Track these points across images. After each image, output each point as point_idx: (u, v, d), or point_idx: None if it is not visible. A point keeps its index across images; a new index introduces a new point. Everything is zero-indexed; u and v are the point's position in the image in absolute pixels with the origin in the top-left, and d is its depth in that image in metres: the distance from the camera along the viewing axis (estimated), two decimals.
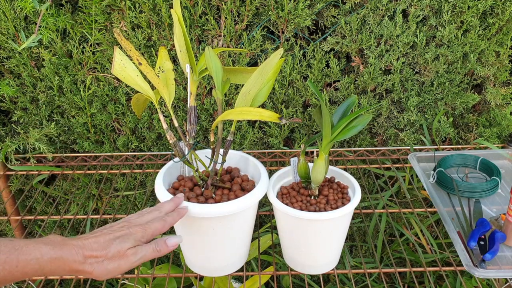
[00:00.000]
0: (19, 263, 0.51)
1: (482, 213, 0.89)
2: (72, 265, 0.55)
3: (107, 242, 0.57)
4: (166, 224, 0.64)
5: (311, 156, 1.05)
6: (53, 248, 0.54)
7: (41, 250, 0.53)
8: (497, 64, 1.10)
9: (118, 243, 0.58)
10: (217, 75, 0.70)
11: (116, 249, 0.57)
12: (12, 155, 1.10)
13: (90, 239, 0.57)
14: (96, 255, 0.56)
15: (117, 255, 0.57)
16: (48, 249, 0.53)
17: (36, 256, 0.52)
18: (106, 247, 0.57)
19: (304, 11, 1.02)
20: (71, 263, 0.54)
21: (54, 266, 0.54)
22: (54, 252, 0.54)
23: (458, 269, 0.82)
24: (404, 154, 1.13)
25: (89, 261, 0.56)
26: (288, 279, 1.24)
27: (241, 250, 0.78)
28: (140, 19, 1.04)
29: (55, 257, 0.54)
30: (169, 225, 0.64)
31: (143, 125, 1.16)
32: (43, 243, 0.54)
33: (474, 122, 1.16)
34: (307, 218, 0.70)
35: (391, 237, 1.31)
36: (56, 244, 0.55)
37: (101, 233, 0.59)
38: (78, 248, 0.55)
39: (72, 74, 1.10)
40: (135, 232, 0.60)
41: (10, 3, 1.02)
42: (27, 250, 0.52)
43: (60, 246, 0.55)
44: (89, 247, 0.56)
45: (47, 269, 0.53)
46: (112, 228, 0.61)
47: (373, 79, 1.09)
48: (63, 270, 0.55)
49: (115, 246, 0.57)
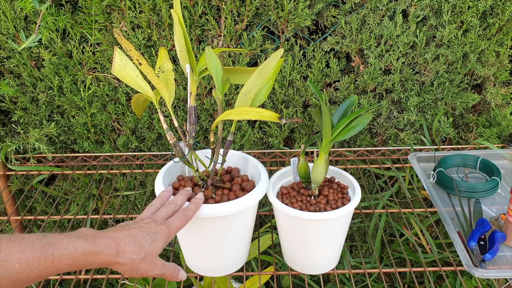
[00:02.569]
0: (54, 258, 0.50)
1: (482, 213, 0.89)
2: (105, 257, 0.54)
3: (140, 239, 0.57)
4: (187, 219, 0.63)
5: (311, 156, 1.05)
6: (87, 242, 0.53)
7: (75, 244, 0.51)
8: (497, 64, 1.10)
9: (151, 242, 0.57)
10: (217, 75, 0.70)
11: (149, 249, 0.57)
12: (12, 155, 1.10)
13: (124, 231, 0.57)
14: (129, 251, 0.55)
15: (149, 257, 0.57)
16: (82, 243, 0.52)
17: (70, 251, 0.51)
18: (139, 245, 0.56)
19: (304, 11, 1.02)
20: (105, 256, 0.54)
21: (88, 259, 0.53)
22: (88, 245, 0.52)
23: (458, 269, 0.82)
24: (404, 154, 1.13)
25: (121, 254, 0.55)
26: (288, 279, 1.24)
27: (241, 250, 0.78)
28: (140, 19, 1.04)
29: (89, 251, 0.52)
30: (189, 220, 0.63)
31: (143, 125, 1.16)
32: (77, 237, 0.53)
33: (474, 122, 1.16)
34: (307, 218, 0.70)
35: (391, 237, 1.31)
36: (89, 237, 0.54)
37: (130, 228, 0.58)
38: (112, 241, 0.55)
39: (72, 74, 1.10)
40: (161, 231, 0.59)
41: (10, 3, 1.02)
42: (61, 245, 0.51)
43: (93, 239, 0.54)
44: (123, 242, 0.55)
45: (81, 263, 0.52)
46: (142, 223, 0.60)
47: (373, 79, 1.09)
48: (96, 263, 0.54)
49: (148, 246, 0.57)
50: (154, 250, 0.57)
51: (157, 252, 0.57)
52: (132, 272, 0.57)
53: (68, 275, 0.86)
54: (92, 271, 0.85)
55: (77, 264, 0.52)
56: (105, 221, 1.29)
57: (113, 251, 0.54)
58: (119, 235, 0.56)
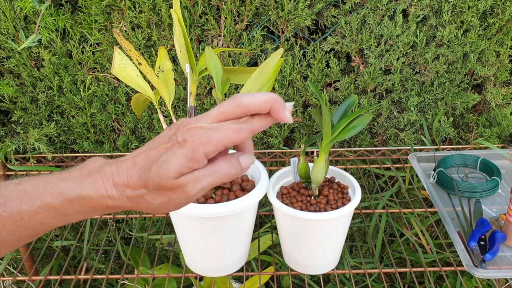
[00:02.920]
0: (22, 215, 0.39)
1: (482, 213, 0.89)
2: (102, 202, 0.40)
3: (146, 166, 0.40)
4: (243, 132, 0.40)
5: (311, 156, 1.05)
6: (70, 186, 0.40)
7: (53, 191, 0.40)
8: (497, 64, 1.10)
9: (160, 165, 0.39)
10: (217, 75, 0.70)
11: (159, 177, 0.39)
12: (11, 155, 1.10)
13: (128, 160, 0.41)
14: (132, 185, 0.40)
15: (161, 185, 0.39)
16: (64, 187, 0.40)
17: (45, 202, 0.39)
18: (142, 175, 0.40)
19: (304, 11, 1.02)
20: (99, 200, 0.40)
21: (76, 208, 0.40)
22: (70, 190, 0.40)
23: (458, 269, 0.82)
24: (404, 154, 1.13)
25: (126, 193, 0.40)
26: (288, 279, 1.24)
27: (241, 250, 0.78)
28: (140, 19, 1.04)
29: (71, 197, 0.40)
30: (248, 133, 0.40)
31: (143, 125, 1.16)
32: (61, 179, 0.40)
33: (474, 122, 1.16)
34: (307, 218, 0.70)
35: (391, 237, 1.31)
36: (77, 178, 0.41)
37: (143, 150, 0.41)
38: (107, 178, 0.40)
39: (72, 74, 1.10)
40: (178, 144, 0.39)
41: (10, 3, 1.02)
42: (34, 195, 0.39)
43: (81, 180, 0.40)
44: (122, 174, 0.40)
45: (68, 213, 0.40)
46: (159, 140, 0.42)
47: (373, 79, 1.09)
48: (94, 210, 0.41)
49: (156, 172, 0.39)
50: (164, 172, 0.38)
51: (169, 174, 0.38)
52: (150, 210, 0.41)
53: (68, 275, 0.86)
54: (92, 271, 0.85)
55: (65, 216, 0.40)
56: (105, 221, 1.29)
57: (110, 192, 0.40)
58: (120, 166, 0.41)
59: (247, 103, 0.39)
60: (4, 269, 1.08)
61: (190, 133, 0.39)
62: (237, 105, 0.40)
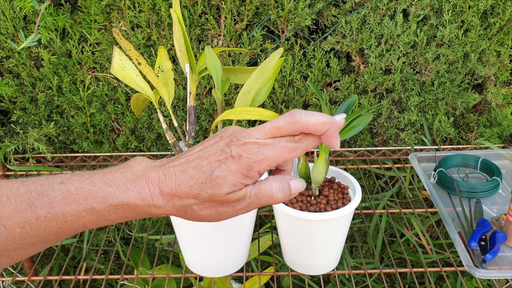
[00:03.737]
0: (66, 217, 0.38)
1: (483, 213, 0.89)
2: (147, 210, 0.39)
3: (198, 177, 0.39)
4: (297, 151, 0.40)
5: (311, 156, 1.04)
6: (115, 192, 0.39)
7: (98, 196, 0.39)
8: (498, 64, 1.09)
9: (215, 180, 0.38)
10: (217, 75, 0.69)
11: (213, 191, 0.38)
12: (11, 155, 1.10)
13: (177, 167, 0.40)
14: (181, 195, 0.39)
15: (213, 198, 0.39)
16: (109, 192, 0.39)
17: (90, 206, 0.39)
18: (194, 186, 0.39)
19: (304, 10, 1.01)
20: (144, 208, 0.39)
21: (120, 214, 0.39)
22: (115, 197, 0.39)
23: (458, 270, 0.82)
24: (405, 154, 1.13)
25: (173, 202, 0.39)
26: (288, 279, 1.24)
27: (241, 250, 0.78)
28: (139, 19, 1.04)
29: (116, 204, 0.39)
30: (301, 153, 0.40)
31: (142, 125, 1.16)
32: (106, 183, 0.39)
33: (475, 122, 1.16)
34: (307, 218, 0.70)
35: (392, 238, 1.31)
36: (122, 183, 0.39)
37: (193, 158, 0.40)
38: (154, 186, 0.39)
39: (71, 74, 1.10)
40: (231, 157, 0.39)
41: (9, 3, 1.02)
42: (79, 198, 0.38)
43: (126, 186, 0.39)
44: (170, 183, 0.39)
45: (111, 218, 0.40)
46: (211, 149, 0.40)
47: (373, 78, 1.09)
48: (137, 216, 0.40)
49: (210, 185, 0.38)
50: (219, 187, 0.38)
51: (224, 190, 0.39)
52: (195, 219, 0.41)
53: (67, 275, 0.85)
54: (92, 271, 0.85)
55: (107, 220, 0.40)
56: None
57: (156, 202, 0.39)
58: (168, 171, 0.39)
59: (306, 121, 0.39)
60: (3, 269, 1.08)
61: (245, 149, 0.38)
62: (294, 121, 0.39)
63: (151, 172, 0.40)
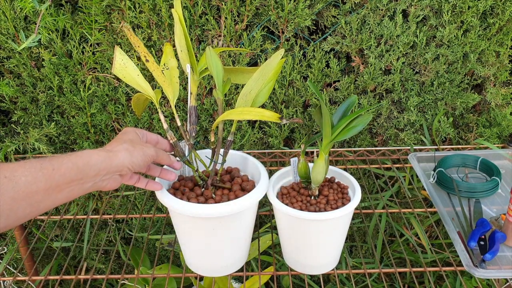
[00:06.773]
0: (53, 165, 0.54)
1: (482, 213, 0.89)
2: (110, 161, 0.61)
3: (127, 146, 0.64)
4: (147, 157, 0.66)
5: (311, 156, 1.05)
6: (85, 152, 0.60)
7: (72, 155, 0.58)
8: (497, 64, 1.10)
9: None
10: (218, 75, 0.70)
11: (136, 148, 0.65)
12: (12, 155, 1.10)
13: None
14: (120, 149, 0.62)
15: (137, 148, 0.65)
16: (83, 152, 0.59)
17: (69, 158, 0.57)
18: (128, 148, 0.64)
19: (304, 11, 1.02)
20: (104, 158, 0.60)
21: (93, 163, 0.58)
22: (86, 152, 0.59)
23: (458, 269, 0.82)
24: (404, 154, 1.13)
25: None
26: (288, 279, 1.24)
27: (241, 250, 0.78)
28: (140, 19, 1.04)
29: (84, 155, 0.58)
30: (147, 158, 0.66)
31: (143, 125, 1.16)
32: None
33: (474, 122, 1.16)
34: (307, 218, 0.70)
35: (391, 237, 1.31)
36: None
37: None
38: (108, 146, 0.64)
39: (72, 74, 1.10)
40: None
41: (10, 3, 1.02)
42: (60, 156, 0.57)
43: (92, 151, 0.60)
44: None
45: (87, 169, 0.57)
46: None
47: (373, 79, 1.09)
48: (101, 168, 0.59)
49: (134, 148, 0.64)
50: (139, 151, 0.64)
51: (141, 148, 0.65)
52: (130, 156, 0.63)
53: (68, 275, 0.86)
54: (92, 271, 0.85)
55: (81, 170, 0.56)
56: (105, 221, 1.29)
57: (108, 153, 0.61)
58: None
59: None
60: (4, 269, 1.08)
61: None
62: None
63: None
